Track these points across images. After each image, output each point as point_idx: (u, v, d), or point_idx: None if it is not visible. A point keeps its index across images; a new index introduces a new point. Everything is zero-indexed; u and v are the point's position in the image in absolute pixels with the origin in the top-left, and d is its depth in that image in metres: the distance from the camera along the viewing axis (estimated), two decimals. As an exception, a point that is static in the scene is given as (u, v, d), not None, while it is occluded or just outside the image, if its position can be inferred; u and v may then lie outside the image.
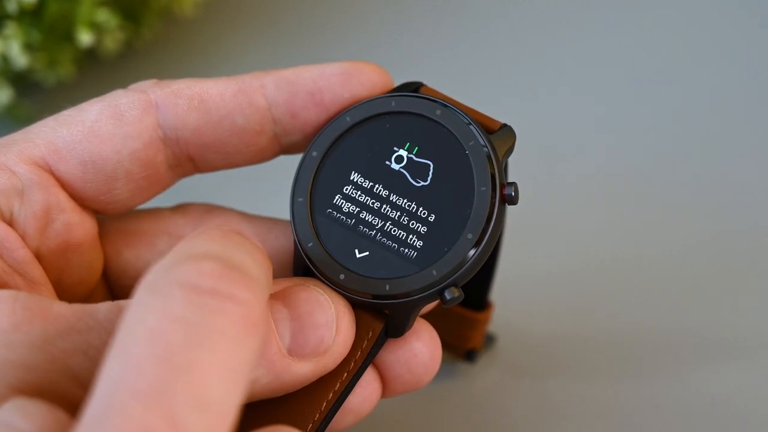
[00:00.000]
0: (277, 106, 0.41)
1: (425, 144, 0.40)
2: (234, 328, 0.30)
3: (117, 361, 0.29)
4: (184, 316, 0.30)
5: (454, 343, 0.50)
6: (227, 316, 0.30)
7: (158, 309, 0.30)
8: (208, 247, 0.32)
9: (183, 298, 0.30)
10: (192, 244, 0.32)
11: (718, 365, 0.52)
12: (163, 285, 0.30)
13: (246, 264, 0.32)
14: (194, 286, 0.30)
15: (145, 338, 0.29)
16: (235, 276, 0.31)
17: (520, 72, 0.67)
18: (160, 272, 0.31)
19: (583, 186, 0.61)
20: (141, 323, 0.30)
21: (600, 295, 0.55)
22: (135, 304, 0.30)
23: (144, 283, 0.31)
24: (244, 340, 0.30)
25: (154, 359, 0.29)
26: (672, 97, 0.65)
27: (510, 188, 0.39)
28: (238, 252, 0.32)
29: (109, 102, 0.40)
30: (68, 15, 0.60)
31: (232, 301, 0.30)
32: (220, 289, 0.30)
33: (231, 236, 0.33)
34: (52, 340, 0.33)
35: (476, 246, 0.38)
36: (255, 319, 0.31)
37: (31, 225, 0.39)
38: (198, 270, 0.30)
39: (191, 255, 0.31)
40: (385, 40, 0.69)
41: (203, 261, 0.31)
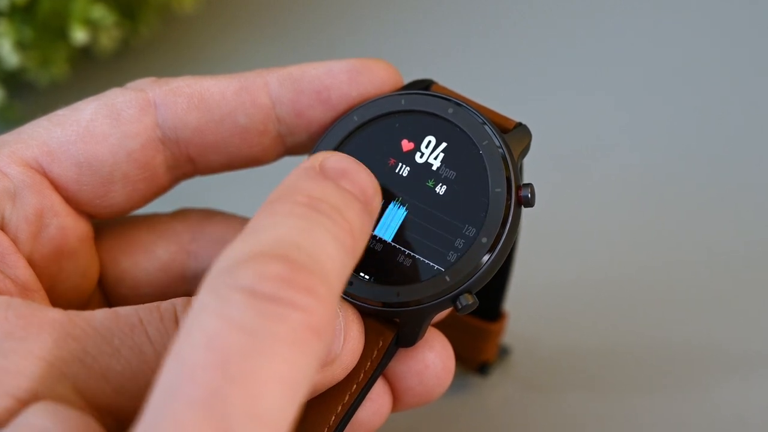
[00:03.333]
0: (281, 105, 0.41)
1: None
2: (294, 337, 0.30)
3: (173, 366, 0.30)
4: (243, 322, 0.30)
5: (466, 355, 0.50)
6: (288, 324, 0.30)
7: (217, 313, 0.30)
8: (280, 233, 0.32)
9: (243, 303, 0.30)
10: (264, 224, 0.32)
11: (745, 380, 0.51)
12: (223, 287, 0.30)
13: (321, 252, 0.32)
14: (255, 292, 0.30)
15: (202, 344, 0.29)
16: (301, 279, 0.31)
17: (535, 69, 0.67)
18: (223, 272, 0.31)
19: (603, 189, 0.60)
20: (200, 327, 0.30)
21: (619, 305, 0.55)
22: (196, 304, 0.30)
23: (206, 282, 0.31)
24: (305, 349, 0.30)
25: (211, 367, 0.29)
26: (695, 98, 0.65)
27: (526, 190, 0.38)
28: (316, 231, 0.32)
29: (105, 101, 0.40)
30: (62, 12, 0.60)
31: (294, 308, 0.30)
32: (282, 295, 0.30)
33: (315, 203, 0.33)
34: (47, 347, 0.33)
35: (491, 250, 0.38)
36: (318, 327, 0.31)
37: (24, 229, 0.39)
38: (261, 273, 0.30)
39: (256, 252, 0.31)
40: (395, 36, 0.69)
41: (267, 262, 0.31)
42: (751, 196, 0.60)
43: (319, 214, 0.33)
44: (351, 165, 0.35)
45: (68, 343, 0.34)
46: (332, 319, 0.31)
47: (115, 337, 0.34)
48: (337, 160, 0.35)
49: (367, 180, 0.35)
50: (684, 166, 0.62)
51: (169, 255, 0.43)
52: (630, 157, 0.62)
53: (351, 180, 0.35)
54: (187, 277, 0.43)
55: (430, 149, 0.39)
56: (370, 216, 0.35)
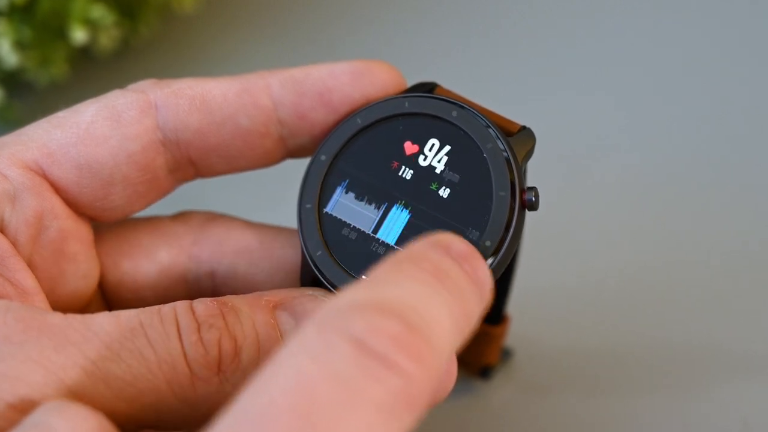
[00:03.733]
0: (283, 107, 0.41)
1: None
2: (387, 402, 0.29)
3: (254, 398, 0.29)
4: (341, 373, 0.29)
5: (468, 359, 0.50)
6: (385, 387, 0.29)
7: (317, 356, 0.29)
8: (403, 292, 0.31)
9: (347, 353, 0.29)
10: (389, 278, 0.31)
11: (748, 382, 0.51)
12: (332, 330, 0.29)
13: (437, 323, 0.31)
14: (363, 344, 0.29)
15: (291, 384, 0.29)
16: (412, 344, 0.30)
17: (538, 70, 0.67)
18: (335, 313, 0.30)
19: (605, 190, 0.60)
20: (294, 365, 0.29)
21: (623, 307, 0.55)
22: (297, 338, 0.30)
23: (315, 319, 0.30)
24: (395, 416, 0.29)
25: (296, 413, 0.28)
26: (697, 99, 0.65)
27: (530, 193, 0.38)
28: (437, 302, 0.31)
29: (105, 103, 0.40)
30: (61, 11, 0.60)
31: (397, 373, 0.29)
32: (389, 356, 0.29)
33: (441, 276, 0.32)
34: (46, 352, 0.33)
35: (494, 254, 0.38)
36: (414, 398, 0.30)
37: (23, 232, 0.39)
38: (374, 327, 0.29)
39: (375, 304, 0.30)
40: (398, 38, 0.69)
41: (384, 316, 0.30)
42: (753, 196, 0.60)
43: (443, 287, 0.32)
44: (475, 254, 0.34)
45: (68, 348, 0.33)
46: (431, 391, 0.30)
47: (116, 341, 0.34)
48: (462, 246, 0.34)
49: (485, 272, 0.34)
50: (686, 167, 0.61)
51: (170, 258, 0.43)
52: (632, 158, 0.62)
53: (472, 267, 0.33)
54: (188, 280, 0.43)
55: (433, 152, 0.39)
56: (482, 305, 0.34)
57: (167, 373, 0.34)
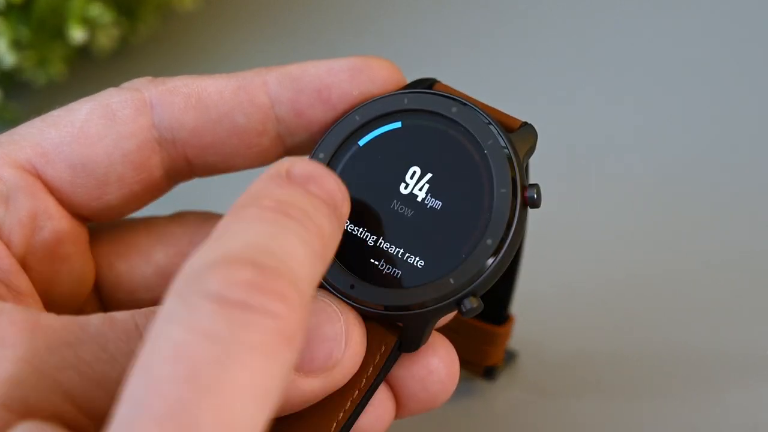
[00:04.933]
0: (280, 104, 0.41)
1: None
2: (265, 345, 0.30)
3: (139, 379, 0.29)
4: (212, 330, 0.29)
5: (471, 359, 0.50)
6: (258, 332, 0.29)
7: (185, 321, 0.29)
8: (249, 238, 0.31)
9: (211, 311, 0.29)
10: (233, 229, 0.32)
11: (756, 385, 0.51)
12: (191, 294, 0.30)
13: (291, 257, 0.31)
14: (224, 298, 0.30)
15: (169, 355, 0.29)
16: (271, 285, 0.30)
17: (541, 68, 0.67)
18: (190, 278, 0.30)
19: (612, 189, 0.60)
20: (166, 337, 0.29)
21: (629, 308, 0.55)
22: (163, 312, 0.30)
23: (173, 288, 0.30)
24: (276, 356, 0.30)
25: (178, 379, 0.29)
26: (706, 99, 0.65)
27: (532, 190, 0.38)
28: (285, 236, 0.32)
29: (100, 101, 0.40)
30: (59, 10, 0.60)
31: (265, 314, 0.30)
32: (251, 302, 0.30)
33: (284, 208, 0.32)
34: (39, 354, 0.33)
35: (496, 252, 0.37)
36: (290, 333, 0.30)
37: (17, 233, 0.39)
38: (229, 279, 0.30)
39: (225, 258, 0.30)
40: (397, 35, 0.69)
41: (236, 268, 0.30)
42: (763, 197, 0.60)
43: (288, 219, 0.32)
44: (318, 170, 0.34)
45: (62, 349, 0.33)
46: (304, 325, 0.31)
47: (111, 343, 0.34)
48: (304, 166, 0.34)
49: (335, 185, 0.35)
50: (694, 168, 0.61)
51: (166, 259, 0.43)
52: (639, 159, 0.62)
53: (318, 185, 0.34)
54: None
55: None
56: (339, 221, 0.34)
57: None
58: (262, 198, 0.33)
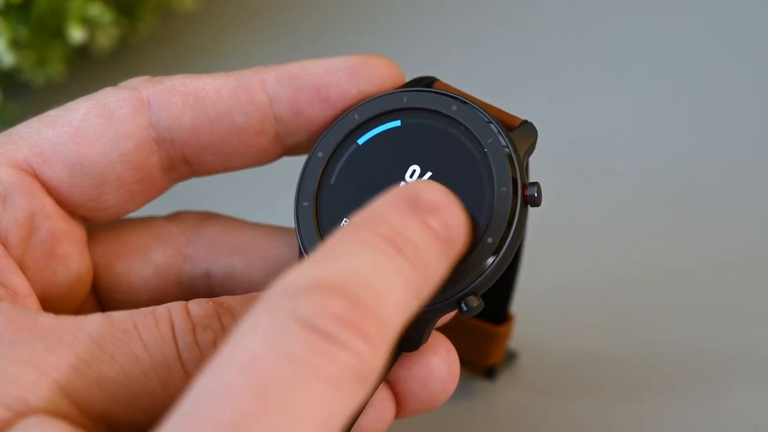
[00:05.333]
0: (279, 103, 0.41)
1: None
2: (338, 377, 0.30)
3: (209, 381, 0.29)
4: (290, 351, 0.29)
5: (472, 359, 0.50)
6: (334, 364, 0.30)
7: (267, 336, 0.30)
8: (353, 267, 0.31)
9: (296, 334, 0.30)
10: (341, 250, 0.32)
11: (759, 387, 0.51)
12: (281, 310, 0.30)
13: (388, 296, 0.31)
14: (311, 324, 0.30)
15: (244, 364, 0.29)
16: (359, 322, 0.30)
17: (542, 66, 0.67)
18: (284, 294, 0.30)
19: (613, 188, 0.60)
20: (245, 345, 0.30)
21: (631, 309, 0.55)
22: (248, 320, 0.30)
23: (264, 299, 0.31)
24: (346, 392, 0.30)
25: (247, 391, 0.29)
26: (710, 98, 0.65)
27: (532, 188, 0.38)
28: (390, 271, 0.32)
29: (97, 100, 0.40)
30: (58, 10, 0.60)
31: (344, 349, 0.30)
32: (336, 335, 0.30)
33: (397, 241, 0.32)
34: (37, 353, 0.33)
35: (497, 251, 0.37)
36: (364, 373, 0.30)
37: (14, 233, 0.39)
38: (321, 307, 0.30)
39: (323, 283, 0.30)
40: (397, 34, 0.69)
41: (331, 296, 0.30)
42: (764, 198, 0.60)
43: (398, 254, 0.32)
44: (445, 202, 0.34)
45: (60, 349, 0.33)
46: (380, 367, 0.31)
47: (109, 342, 0.34)
48: (433, 195, 0.34)
49: (458, 220, 0.34)
50: (697, 167, 0.61)
51: (165, 259, 0.43)
52: (640, 157, 0.62)
53: (441, 218, 0.34)
54: (183, 281, 0.43)
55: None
56: (449, 260, 0.34)
57: (162, 375, 0.34)
58: (379, 223, 0.32)
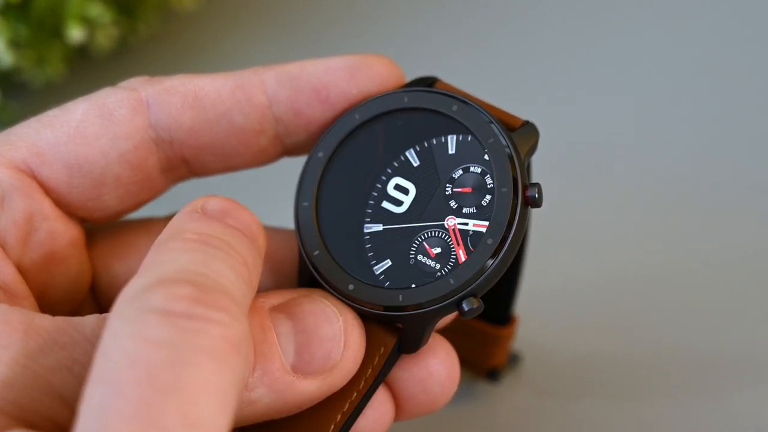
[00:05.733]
0: (278, 104, 0.41)
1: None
2: (216, 348, 0.31)
3: (98, 389, 0.30)
4: (162, 338, 0.30)
5: (474, 361, 0.50)
6: (208, 336, 0.31)
7: (134, 334, 0.30)
8: (179, 265, 0.32)
9: (159, 322, 0.30)
10: (161, 260, 0.33)
11: (763, 389, 0.51)
12: (134, 311, 0.31)
13: (222, 278, 0.32)
14: (169, 311, 0.31)
15: (124, 363, 0.30)
16: (210, 298, 0.31)
17: (543, 67, 0.67)
18: (131, 301, 0.31)
19: (617, 191, 0.60)
20: (118, 350, 0.30)
21: (635, 310, 0.55)
22: (107, 334, 0.31)
23: (113, 313, 0.31)
24: (228, 359, 0.31)
25: (139, 382, 0.29)
26: (710, 96, 0.65)
27: (533, 189, 0.38)
28: (213, 262, 0.33)
29: (96, 101, 0.40)
30: (58, 9, 0.60)
31: (210, 322, 0.31)
32: (195, 312, 0.31)
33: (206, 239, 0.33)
34: (33, 355, 0.33)
35: (497, 252, 0.37)
36: (235, 340, 0.31)
37: (12, 234, 0.39)
38: (170, 296, 0.31)
39: (161, 279, 0.31)
40: (397, 34, 0.69)
41: (174, 286, 0.31)
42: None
43: (213, 248, 0.33)
44: (231, 205, 0.36)
45: (55, 351, 0.33)
46: (247, 336, 0.32)
47: None
48: (218, 202, 0.36)
49: (250, 218, 0.36)
50: (699, 167, 0.61)
51: None
52: (645, 158, 0.62)
53: (234, 218, 0.35)
54: None
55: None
56: (258, 252, 0.36)
57: None
58: (184, 232, 0.34)
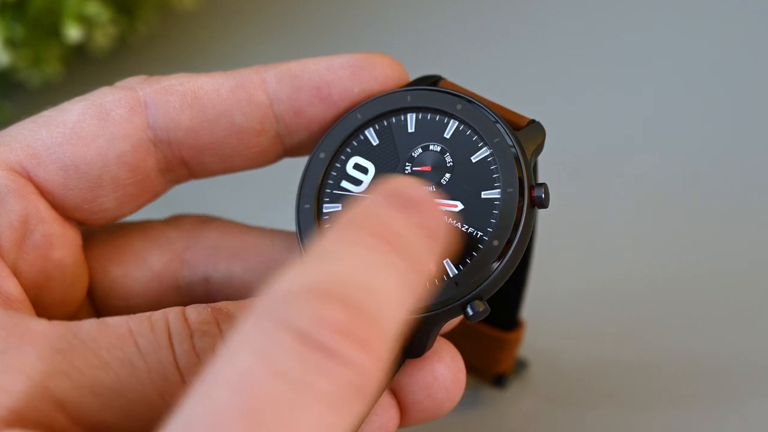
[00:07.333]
0: (279, 103, 0.41)
1: (446, 143, 0.39)
2: (336, 395, 0.29)
3: (197, 402, 0.29)
4: (285, 368, 0.28)
5: (481, 366, 0.50)
6: (332, 380, 0.29)
7: (258, 351, 0.29)
8: (344, 269, 0.30)
9: (290, 348, 0.29)
10: (333, 251, 0.31)
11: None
12: (272, 321, 0.29)
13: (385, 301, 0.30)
14: (306, 337, 0.29)
15: (233, 382, 0.28)
16: (359, 331, 0.29)
17: (550, 65, 0.67)
18: (276, 303, 0.29)
19: (627, 190, 0.60)
20: (234, 362, 0.29)
21: (644, 316, 0.55)
22: (238, 333, 0.29)
23: (255, 308, 0.30)
24: (345, 409, 0.29)
25: (237, 412, 0.28)
26: (727, 96, 0.65)
27: (540, 190, 0.38)
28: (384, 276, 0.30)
29: (93, 101, 0.40)
30: (55, 8, 0.60)
31: (344, 364, 0.29)
32: (334, 347, 0.29)
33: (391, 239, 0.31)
34: (29, 360, 0.33)
35: (503, 255, 0.37)
36: (364, 388, 0.29)
37: (7, 237, 0.39)
38: (317, 318, 0.29)
39: (318, 289, 0.29)
40: (400, 30, 0.69)
41: (327, 303, 0.29)
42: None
43: (392, 250, 0.31)
44: (427, 197, 0.33)
45: (53, 355, 0.33)
46: (380, 379, 0.30)
47: (103, 348, 0.34)
48: (416, 190, 0.33)
49: (440, 215, 0.33)
50: (713, 171, 0.61)
51: (162, 264, 0.43)
52: (656, 160, 0.62)
53: (424, 212, 0.32)
54: (181, 286, 0.43)
55: (438, 148, 0.39)
56: (435, 255, 0.33)
57: (158, 382, 0.34)
58: (369, 220, 0.31)
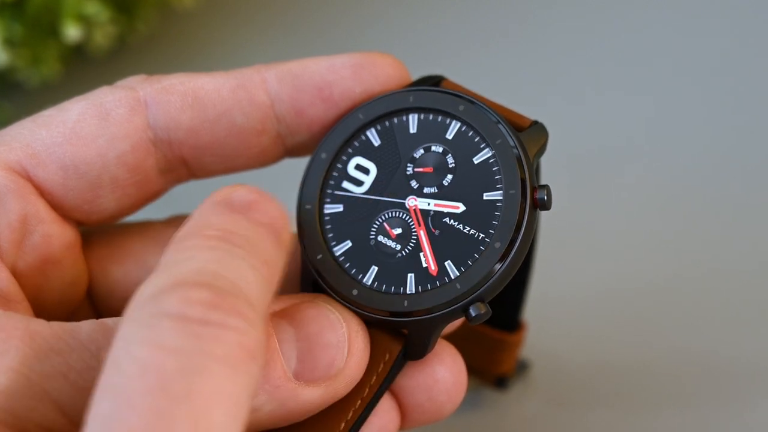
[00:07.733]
0: (280, 103, 0.41)
1: (447, 144, 0.39)
2: (230, 356, 0.30)
3: (106, 399, 0.29)
4: (175, 345, 0.30)
5: (482, 368, 0.50)
6: (223, 344, 0.30)
7: (146, 340, 0.30)
8: (198, 265, 0.32)
9: (173, 328, 0.30)
10: (179, 259, 0.32)
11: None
12: (148, 316, 0.31)
13: (241, 281, 0.32)
14: (184, 316, 0.30)
15: (134, 371, 0.30)
16: (227, 303, 0.31)
17: (553, 65, 0.67)
18: (144, 304, 0.31)
19: (630, 193, 0.60)
20: (128, 357, 0.30)
21: (646, 317, 0.55)
22: (118, 338, 0.30)
23: (126, 316, 0.31)
24: (243, 367, 0.31)
25: (148, 391, 0.29)
26: (731, 97, 0.65)
27: (542, 191, 0.38)
28: (233, 262, 0.32)
29: (92, 100, 0.40)
30: (54, 7, 0.60)
31: (226, 328, 0.31)
32: (211, 317, 0.31)
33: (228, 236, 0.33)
34: (28, 362, 0.33)
35: (505, 256, 0.37)
36: (252, 348, 0.31)
37: (6, 237, 0.39)
38: (186, 299, 0.31)
39: (177, 282, 0.31)
40: (402, 30, 0.69)
41: (191, 289, 0.31)
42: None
43: (233, 246, 0.33)
44: (258, 197, 0.35)
45: (51, 357, 0.33)
46: (264, 342, 0.32)
47: (102, 350, 0.34)
48: (244, 194, 0.35)
49: (277, 211, 0.35)
50: (715, 172, 0.61)
51: None
52: (658, 161, 0.62)
53: (261, 212, 0.35)
54: None
55: (440, 149, 0.39)
56: (282, 247, 0.35)
57: None
58: (205, 228, 0.34)
